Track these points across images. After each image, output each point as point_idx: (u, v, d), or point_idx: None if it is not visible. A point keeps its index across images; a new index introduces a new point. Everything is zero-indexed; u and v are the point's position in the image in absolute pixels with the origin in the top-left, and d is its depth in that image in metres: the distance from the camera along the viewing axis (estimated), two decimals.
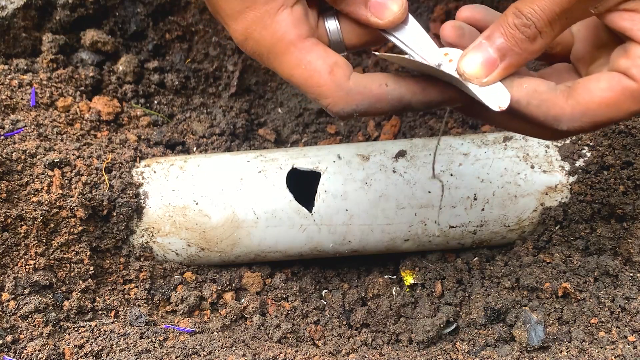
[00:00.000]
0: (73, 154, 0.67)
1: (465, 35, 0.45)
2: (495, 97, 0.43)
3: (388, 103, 0.44)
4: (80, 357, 0.57)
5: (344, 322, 0.67)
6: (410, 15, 0.47)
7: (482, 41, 0.43)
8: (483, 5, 0.47)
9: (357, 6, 0.44)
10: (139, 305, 0.66)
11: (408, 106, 0.44)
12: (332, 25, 0.46)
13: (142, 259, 0.68)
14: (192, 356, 0.59)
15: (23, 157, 0.64)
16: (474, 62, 0.43)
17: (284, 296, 0.69)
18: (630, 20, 0.41)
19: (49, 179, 0.64)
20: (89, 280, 0.64)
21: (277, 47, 0.43)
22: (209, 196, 0.66)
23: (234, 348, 0.60)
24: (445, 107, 0.48)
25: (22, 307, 0.60)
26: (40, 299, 0.60)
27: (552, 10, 0.40)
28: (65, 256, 0.63)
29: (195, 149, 0.82)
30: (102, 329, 0.61)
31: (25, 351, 0.57)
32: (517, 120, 0.45)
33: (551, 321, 0.59)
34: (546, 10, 0.40)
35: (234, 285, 0.69)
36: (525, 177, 0.64)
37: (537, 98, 0.42)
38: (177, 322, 0.64)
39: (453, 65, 0.44)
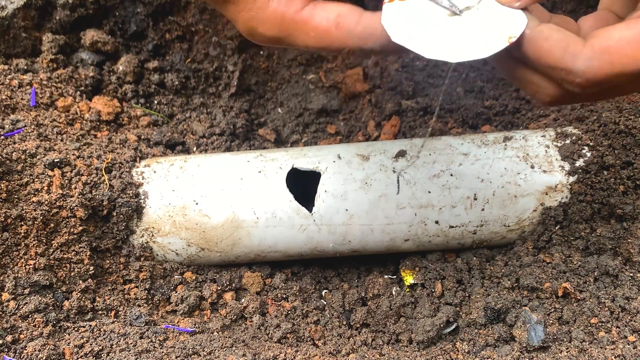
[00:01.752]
0: (73, 154, 0.67)
1: None
2: (508, 27, 0.41)
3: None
4: (80, 357, 0.57)
5: (344, 322, 0.67)
6: None
7: None
8: None
9: None
10: (139, 305, 0.66)
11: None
12: None
13: (142, 259, 0.68)
14: (192, 356, 0.58)
15: (23, 157, 0.64)
16: None
17: (284, 296, 0.69)
18: None
19: (49, 179, 0.64)
20: (89, 280, 0.64)
21: (284, 29, 0.45)
22: (209, 196, 0.66)
23: (234, 348, 0.60)
24: None
25: (22, 307, 0.60)
26: (40, 299, 0.60)
27: None
28: (65, 256, 0.63)
29: (195, 149, 0.82)
30: (102, 329, 0.61)
31: (25, 351, 0.57)
32: (523, 67, 0.44)
33: (551, 321, 0.59)
34: None
35: (234, 285, 0.69)
36: (525, 177, 0.64)
37: (559, 33, 0.40)
38: (177, 322, 0.64)
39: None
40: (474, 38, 0.42)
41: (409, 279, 0.68)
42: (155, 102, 0.85)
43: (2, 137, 0.65)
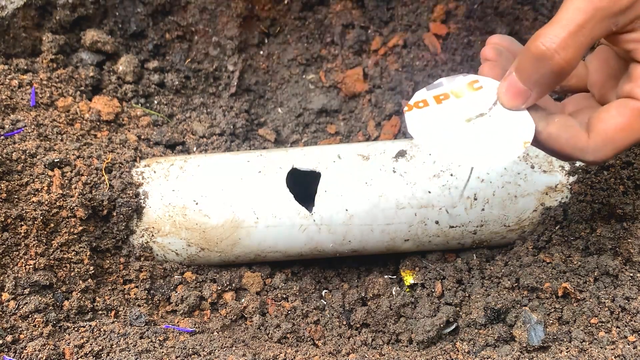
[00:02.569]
0: (73, 154, 0.67)
1: (502, 54, 0.49)
2: (521, 132, 0.46)
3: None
4: (80, 357, 0.57)
5: (344, 322, 0.67)
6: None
7: (513, 74, 0.45)
8: (508, 37, 0.51)
9: None
10: (139, 305, 0.66)
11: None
12: None
13: (142, 259, 0.68)
14: (192, 356, 0.58)
15: (23, 157, 0.64)
16: (507, 93, 0.46)
17: (284, 296, 0.69)
18: (633, 41, 0.43)
19: (49, 179, 0.64)
20: (89, 280, 0.64)
21: None
22: (209, 196, 0.66)
23: (234, 348, 0.60)
24: None
25: (22, 307, 0.60)
26: (40, 299, 0.60)
27: (574, 24, 0.41)
28: (65, 256, 0.63)
29: (195, 149, 0.82)
30: (102, 329, 0.61)
31: (25, 351, 0.57)
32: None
33: (551, 321, 0.59)
34: (567, 27, 0.41)
35: (234, 285, 0.69)
36: (525, 177, 0.64)
37: (567, 132, 0.45)
38: (177, 322, 0.64)
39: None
40: (493, 145, 0.45)
41: (409, 279, 0.68)
42: (155, 102, 0.85)
43: (2, 137, 0.65)
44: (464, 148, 0.46)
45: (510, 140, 0.45)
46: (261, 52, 0.89)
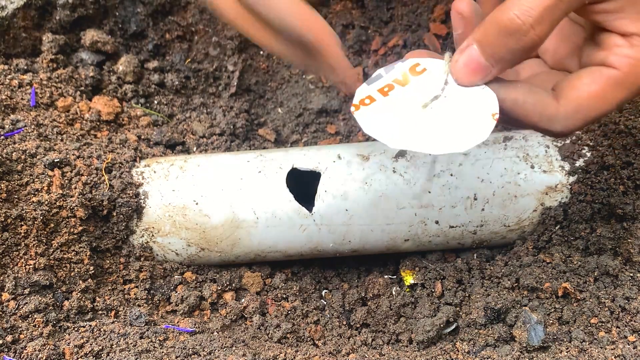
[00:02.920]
0: (73, 154, 0.67)
1: (477, 14, 0.44)
2: (485, 106, 0.42)
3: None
4: (80, 357, 0.57)
5: (344, 322, 0.67)
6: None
7: (474, 48, 0.41)
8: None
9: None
10: (139, 305, 0.66)
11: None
12: None
13: (142, 259, 0.68)
14: (192, 356, 0.58)
15: (23, 157, 0.64)
16: (465, 69, 0.42)
17: (284, 296, 0.69)
18: (603, 12, 0.40)
19: (49, 179, 0.64)
20: (89, 280, 0.64)
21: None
22: (209, 196, 0.66)
23: (234, 348, 0.60)
24: None
25: (22, 307, 0.60)
26: (40, 299, 0.60)
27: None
28: (65, 256, 0.63)
29: (195, 149, 0.82)
30: (102, 329, 0.61)
31: (25, 351, 0.57)
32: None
33: (551, 321, 0.59)
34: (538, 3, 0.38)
35: (234, 285, 0.69)
36: (525, 177, 0.64)
37: (533, 97, 0.42)
38: (177, 322, 0.64)
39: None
40: (462, 125, 0.42)
41: (409, 279, 0.68)
42: (155, 102, 0.85)
43: (2, 137, 0.65)
44: (432, 136, 0.42)
45: (477, 117, 0.42)
46: (261, 52, 0.89)
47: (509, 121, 0.44)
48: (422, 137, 0.42)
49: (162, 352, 0.59)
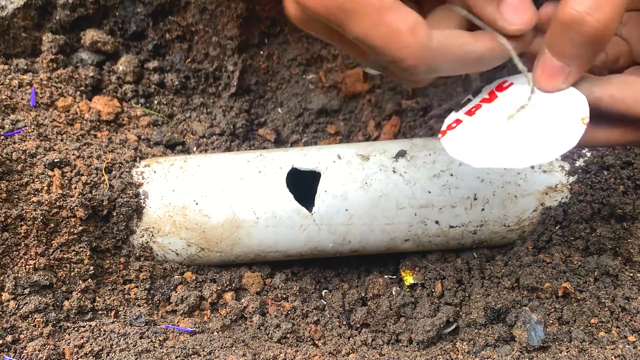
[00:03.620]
0: (73, 154, 0.67)
1: None
2: (573, 110, 0.40)
3: (471, 64, 0.41)
4: (80, 357, 0.57)
5: (344, 322, 0.67)
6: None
7: (545, 52, 0.41)
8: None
9: (486, 2, 0.40)
10: (139, 305, 0.66)
11: (486, 64, 0.42)
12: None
13: (142, 259, 0.68)
14: (192, 356, 0.58)
15: (23, 157, 0.64)
16: (543, 74, 0.41)
17: (284, 296, 0.69)
18: None
19: (49, 179, 0.64)
20: (89, 280, 0.64)
21: (351, 4, 0.38)
22: (209, 196, 0.66)
23: (234, 348, 0.60)
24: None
25: (22, 307, 0.60)
26: (40, 299, 0.60)
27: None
28: (65, 256, 0.63)
29: (195, 149, 0.82)
30: (102, 329, 0.61)
31: (25, 351, 0.57)
32: (611, 128, 0.42)
33: (551, 321, 0.59)
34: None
35: (234, 285, 0.69)
36: (525, 177, 0.64)
37: (631, 89, 0.40)
38: (177, 322, 0.64)
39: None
40: (548, 133, 0.40)
41: (409, 279, 0.68)
42: (155, 102, 0.85)
43: (2, 137, 0.65)
44: (517, 148, 0.40)
45: (564, 122, 0.40)
46: (261, 52, 0.89)
47: (611, 116, 0.41)
48: (506, 151, 0.40)
49: (162, 352, 0.59)
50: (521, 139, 0.41)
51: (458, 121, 0.45)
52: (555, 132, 0.40)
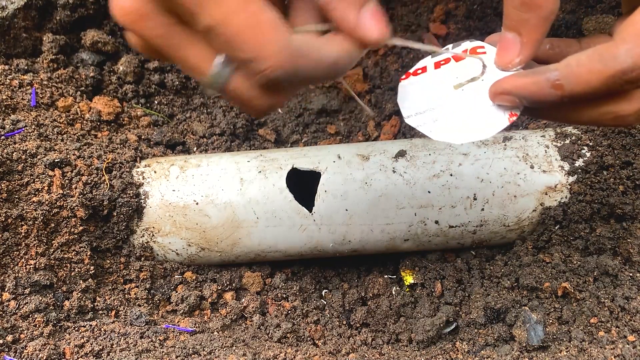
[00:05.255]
0: (73, 154, 0.67)
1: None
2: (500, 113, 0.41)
3: (322, 70, 0.39)
4: (81, 356, 0.58)
5: (344, 322, 0.67)
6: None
7: (502, 30, 0.42)
8: None
9: (348, 6, 0.39)
10: (139, 305, 0.66)
11: (340, 70, 0.40)
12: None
13: (142, 258, 0.68)
14: (192, 356, 0.59)
15: (23, 157, 0.64)
16: (499, 49, 0.43)
17: (284, 296, 0.69)
18: None
19: (49, 179, 0.64)
20: (90, 280, 0.65)
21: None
22: (209, 196, 0.66)
23: (234, 348, 0.60)
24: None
25: (22, 307, 0.60)
26: (40, 298, 0.60)
27: None
28: (65, 256, 0.64)
29: (195, 149, 0.82)
30: (102, 329, 0.61)
31: (25, 351, 0.57)
32: (573, 108, 0.42)
33: (551, 321, 0.59)
34: None
35: (234, 285, 0.69)
36: (524, 177, 0.64)
37: (586, 53, 0.39)
38: (178, 322, 0.64)
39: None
40: (479, 116, 0.41)
41: (409, 279, 0.68)
42: (156, 102, 0.85)
43: (3, 137, 0.65)
44: (451, 120, 0.41)
45: (494, 111, 0.41)
46: None
47: (580, 96, 0.40)
48: (440, 120, 0.41)
49: (162, 351, 0.59)
50: (459, 112, 0.42)
51: (424, 69, 0.45)
52: (482, 117, 0.41)
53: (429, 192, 0.64)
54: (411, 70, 0.46)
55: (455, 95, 0.43)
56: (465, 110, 0.42)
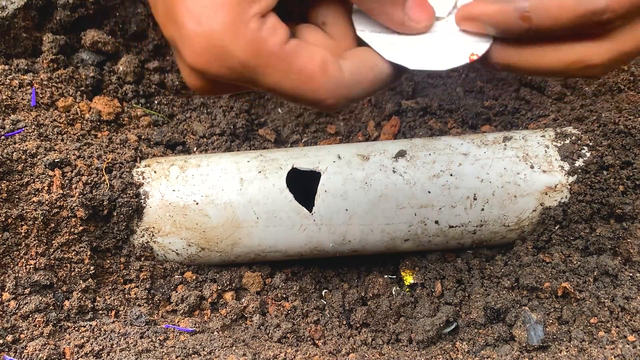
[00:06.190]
0: (73, 154, 0.67)
1: None
2: (472, 45, 0.42)
3: (382, 83, 0.42)
4: (81, 356, 0.58)
5: (344, 322, 0.67)
6: None
7: None
8: None
9: (393, 6, 0.41)
10: (139, 305, 0.66)
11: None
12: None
13: (142, 258, 0.68)
14: (192, 356, 0.59)
15: (23, 157, 0.64)
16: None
17: (284, 296, 0.69)
18: None
19: (49, 179, 0.64)
20: (90, 280, 0.65)
21: (257, 60, 0.37)
22: (209, 196, 0.66)
23: (234, 348, 0.61)
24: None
25: (22, 307, 0.60)
26: (40, 298, 0.60)
27: None
28: (65, 256, 0.64)
29: (195, 149, 0.82)
30: (102, 329, 0.61)
31: (25, 351, 0.57)
32: (555, 50, 0.41)
33: (551, 321, 0.59)
34: None
35: (234, 285, 0.69)
36: (524, 177, 0.64)
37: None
38: (178, 322, 0.64)
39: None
40: (439, 47, 0.42)
41: (409, 279, 0.68)
42: (156, 102, 0.85)
43: (3, 137, 0.65)
44: (406, 47, 0.42)
45: (456, 48, 0.42)
46: None
47: (550, 31, 0.39)
48: (396, 44, 0.42)
49: (163, 351, 0.59)
50: (415, 40, 0.43)
51: None
52: (442, 49, 0.42)
53: (429, 192, 0.64)
54: None
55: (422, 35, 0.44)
56: (426, 39, 0.43)
